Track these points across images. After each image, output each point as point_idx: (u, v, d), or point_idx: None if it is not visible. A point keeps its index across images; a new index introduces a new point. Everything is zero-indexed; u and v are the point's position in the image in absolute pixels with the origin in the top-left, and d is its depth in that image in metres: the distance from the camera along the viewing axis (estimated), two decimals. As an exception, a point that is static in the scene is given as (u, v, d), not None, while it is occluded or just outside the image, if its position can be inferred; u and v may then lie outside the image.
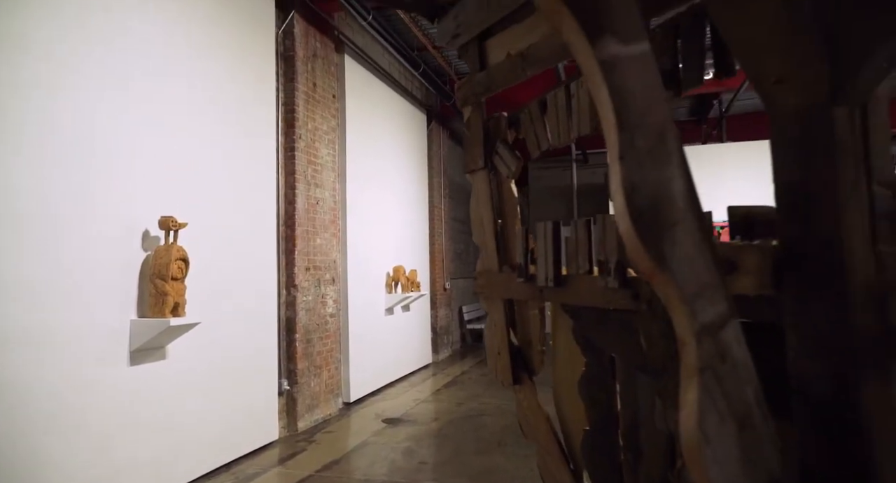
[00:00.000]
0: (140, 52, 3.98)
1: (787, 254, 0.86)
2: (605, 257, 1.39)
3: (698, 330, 0.77)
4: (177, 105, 4.33)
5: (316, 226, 6.36)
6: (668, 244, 0.75)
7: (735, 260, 0.89)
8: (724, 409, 0.78)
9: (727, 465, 0.77)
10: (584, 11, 0.72)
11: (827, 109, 0.80)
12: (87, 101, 3.54)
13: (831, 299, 0.81)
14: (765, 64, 0.84)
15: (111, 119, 3.71)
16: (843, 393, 0.80)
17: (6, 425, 2.97)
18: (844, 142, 0.81)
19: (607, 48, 0.73)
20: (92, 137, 3.56)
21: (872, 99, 0.83)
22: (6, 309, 3.01)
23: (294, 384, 5.84)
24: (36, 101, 3.23)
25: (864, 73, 0.78)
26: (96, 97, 3.61)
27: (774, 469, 0.80)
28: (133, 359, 3.80)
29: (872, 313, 0.80)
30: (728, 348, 0.79)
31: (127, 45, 3.87)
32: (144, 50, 4.02)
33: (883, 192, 0.83)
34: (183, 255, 4.04)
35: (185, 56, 4.46)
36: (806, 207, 0.84)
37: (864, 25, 0.77)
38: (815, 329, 0.83)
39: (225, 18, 4.99)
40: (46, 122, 3.28)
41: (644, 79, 0.75)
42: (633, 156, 0.74)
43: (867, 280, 0.80)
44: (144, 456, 3.84)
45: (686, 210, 0.77)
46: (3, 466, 2.95)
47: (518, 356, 1.72)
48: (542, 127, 1.66)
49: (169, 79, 4.26)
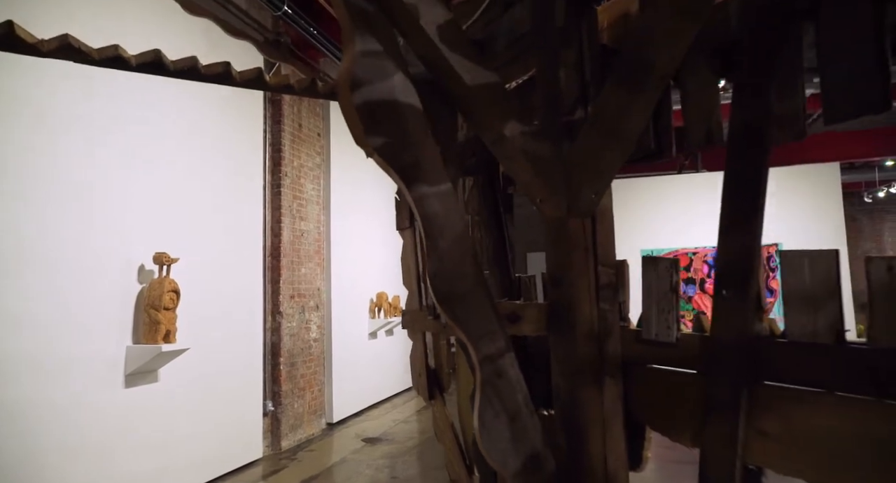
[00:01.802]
0: (136, 103, 4.48)
1: (551, 310, 1.35)
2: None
3: (482, 359, 1.25)
4: (171, 149, 4.83)
5: (301, 256, 6.83)
6: (460, 308, 1.24)
7: (521, 313, 1.38)
8: (499, 408, 1.26)
9: (499, 442, 1.24)
10: (403, 170, 1.21)
11: (565, 220, 1.30)
12: (87, 149, 4.04)
13: (570, 339, 1.29)
14: (534, 193, 1.33)
15: (109, 165, 4.20)
16: (574, 395, 1.28)
17: (16, 445, 3.40)
18: (577, 240, 1.30)
19: (419, 190, 1.22)
20: (92, 182, 4.05)
21: (598, 212, 1.32)
22: (16, 339, 3.46)
23: (278, 405, 6.25)
24: (38, 150, 3.71)
25: (584, 199, 1.28)
26: (96, 144, 4.10)
27: (536, 445, 1.28)
28: (128, 382, 4.24)
29: (593, 348, 1.28)
30: (504, 370, 1.27)
31: (122, 94, 4.36)
32: (140, 100, 4.52)
33: (606, 271, 1.32)
34: (174, 287, 4.50)
35: (179, 105, 4.98)
36: (559, 281, 1.33)
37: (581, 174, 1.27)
38: (563, 356, 1.31)
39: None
40: (50, 170, 3.76)
41: (445, 205, 1.24)
42: (436, 254, 1.23)
43: (591, 327, 1.29)
44: (138, 471, 4.25)
45: (474, 285, 1.26)
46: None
47: (433, 377, 2.18)
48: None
49: (163, 126, 4.76)
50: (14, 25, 1.71)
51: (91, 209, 4.04)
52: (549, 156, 1.29)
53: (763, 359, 1.03)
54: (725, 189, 1.09)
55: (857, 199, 16.71)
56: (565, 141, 1.31)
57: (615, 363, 1.30)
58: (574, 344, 1.29)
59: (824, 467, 0.93)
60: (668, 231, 11.66)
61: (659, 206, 11.58)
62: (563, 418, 1.31)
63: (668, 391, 1.22)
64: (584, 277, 1.30)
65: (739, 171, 1.07)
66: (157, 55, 1.91)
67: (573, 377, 1.28)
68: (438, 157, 1.25)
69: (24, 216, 3.59)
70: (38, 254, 3.66)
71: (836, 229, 10.80)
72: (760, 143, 1.04)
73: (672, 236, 11.65)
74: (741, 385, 1.05)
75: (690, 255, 11.54)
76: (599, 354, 1.28)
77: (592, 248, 1.31)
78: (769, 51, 1.04)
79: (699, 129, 1.21)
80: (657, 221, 11.66)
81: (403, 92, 1.20)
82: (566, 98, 1.35)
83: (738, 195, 1.07)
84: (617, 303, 1.33)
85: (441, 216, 1.23)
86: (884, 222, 18.98)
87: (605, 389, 1.28)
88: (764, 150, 1.04)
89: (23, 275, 3.55)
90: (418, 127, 1.21)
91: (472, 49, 1.22)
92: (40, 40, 1.79)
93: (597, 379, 1.27)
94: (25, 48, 1.77)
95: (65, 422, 3.70)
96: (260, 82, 2.14)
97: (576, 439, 1.27)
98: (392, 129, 1.18)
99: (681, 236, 11.59)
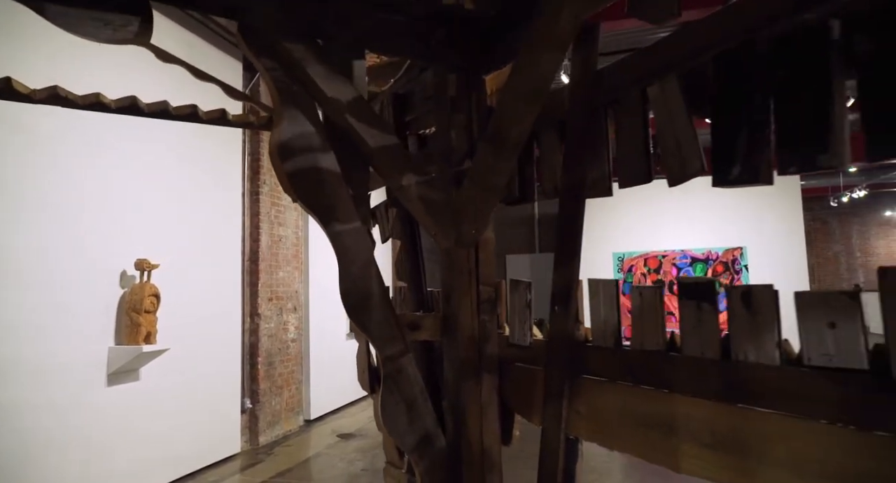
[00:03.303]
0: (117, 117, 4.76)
1: (443, 320, 1.71)
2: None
3: (384, 359, 1.60)
4: (152, 160, 5.14)
5: (279, 260, 7.15)
6: (367, 318, 1.59)
7: (420, 323, 1.73)
8: (398, 397, 1.61)
9: (398, 425, 1.60)
10: (321, 213, 1.56)
11: (454, 250, 1.66)
12: (74, 162, 4.34)
13: (456, 343, 1.66)
14: (429, 228, 1.69)
15: (93, 175, 4.51)
16: (459, 387, 1.64)
17: (11, 442, 3.70)
18: (462, 265, 1.66)
19: (334, 228, 1.57)
20: (76, 193, 4.35)
21: (481, 242, 1.68)
22: (12, 343, 3.77)
23: (256, 403, 6.57)
24: (32, 170, 4.02)
25: (467, 234, 1.64)
26: (81, 157, 4.41)
27: (429, 426, 1.64)
28: (110, 381, 4.55)
29: (474, 350, 1.64)
30: (403, 367, 1.62)
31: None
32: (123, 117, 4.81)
33: (486, 289, 1.68)
34: (155, 291, 4.82)
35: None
36: (449, 297, 1.69)
37: (464, 215, 1.63)
38: (451, 357, 1.67)
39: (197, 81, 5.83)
40: (43, 188, 4.07)
41: (355, 239, 1.59)
42: (348, 276, 1.58)
43: (473, 333, 1.65)
44: (120, 465, 4.56)
45: (378, 300, 1.61)
46: (10, 477, 3.68)
47: (374, 373, 2.54)
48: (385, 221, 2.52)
49: (145, 138, 5.07)
50: (11, 80, 2.04)
51: (75, 219, 4.34)
52: (440, 200, 1.65)
53: (579, 358, 1.39)
54: (557, 233, 1.46)
55: (826, 203, 17.26)
56: (454, 188, 1.68)
57: (492, 362, 1.67)
58: (459, 347, 1.65)
59: (610, 435, 1.30)
60: (640, 235, 12.11)
61: (631, 211, 11.99)
62: (450, 405, 1.67)
63: (525, 383, 1.58)
64: (467, 295, 1.66)
65: (566, 220, 1.44)
66: (133, 100, 2.25)
67: (458, 373, 1.64)
68: (350, 201, 1.60)
69: (11, 226, 3.89)
70: (32, 265, 3.96)
71: (797, 233, 11.27)
72: (580, 199, 1.41)
73: (643, 240, 12.10)
74: (565, 377, 1.41)
75: (660, 257, 11.99)
76: (479, 355, 1.65)
77: (475, 272, 1.68)
78: (584, 129, 1.40)
79: (549, 183, 1.58)
80: (629, 226, 12.09)
81: (321, 151, 1.55)
82: (456, 153, 1.71)
83: (566, 239, 1.44)
84: (495, 314, 1.69)
85: (352, 248, 1.58)
86: (851, 225, 19.59)
87: (484, 383, 1.64)
88: (581, 204, 1.41)
89: (11, 282, 3.85)
90: (333, 178, 1.56)
91: (374, 117, 1.57)
92: (33, 90, 2.12)
93: (477, 374, 1.64)
94: (21, 97, 2.10)
95: (49, 419, 4.00)
96: (224, 120, 2.48)
97: (460, 422, 1.63)
98: (311, 181, 1.53)
99: (651, 240, 12.04)
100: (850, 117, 0.94)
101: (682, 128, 1.20)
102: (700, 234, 11.80)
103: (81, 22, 1.26)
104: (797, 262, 11.13)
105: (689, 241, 11.88)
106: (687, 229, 11.93)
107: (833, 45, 0.93)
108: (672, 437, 1.13)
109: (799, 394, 0.93)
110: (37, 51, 4.00)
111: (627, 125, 1.32)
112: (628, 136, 1.32)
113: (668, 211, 11.97)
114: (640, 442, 1.21)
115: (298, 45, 1.46)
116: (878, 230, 19.37)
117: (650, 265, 12.08)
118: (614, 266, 12.20)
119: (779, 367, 0.97)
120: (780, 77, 1.00)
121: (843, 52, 0.92)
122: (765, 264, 11.11)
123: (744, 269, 11.33)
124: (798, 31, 0.97)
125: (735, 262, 11.50)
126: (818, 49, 0.94)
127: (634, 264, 12.20)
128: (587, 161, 1.40)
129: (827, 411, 0.90)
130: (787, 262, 11.04)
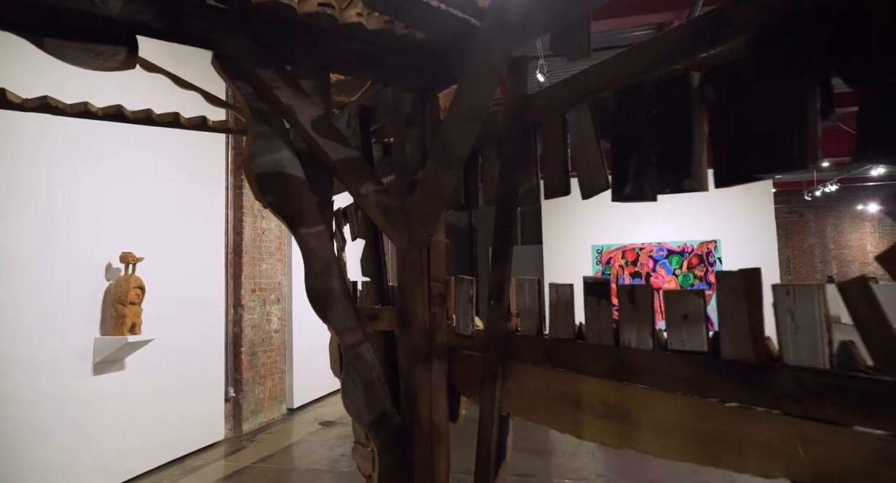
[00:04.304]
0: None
1: (399, 312, 1.92)
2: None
3: (345, 347, 1.82)
4: (137, 154, 5.28)
5: (262, 253, 7.32)
6: (329, 310, 1.80)
7: (378, 315, 1.95)
8: (357, 380, 1.83)
9: (357, 404, 1.82)
10: (288, 218, 1.76)
11: (408, 250, 1.87)
12: (64, 164, 4.49)
13: (409, 333, 1.87)
14: (386, 230, 1.90)
15: (83, 174, 4.66)
16: (412, 372, 1.86)
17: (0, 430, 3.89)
18: (415, 264, 1.88)
19: (300, 230, 1.78)
20: (63, 189, 4.50)
21: (432, 244, 1.90)
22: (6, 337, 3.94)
23: (240, 392, 6.76)
24: (20, 169, 4.16)
25: (418, 237, 1.85)
26: (71, 160, 4.55)
27: (385, 406, 1.86)
28: (96, 370, 4.72)
29: (426, 339, 1.87)
30: (362, 354, 1.84)
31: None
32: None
33: (436, 285, 1.90)
34: (140, 283, 4.98)
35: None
36: (403, 292, 1.91)
37: (416, 219, 1.84)
38: (405, 345, 1.89)
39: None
40: (31, 186, 4.22)
41: (319, 241, 1.80)
42: (312, 273, 1.79)
43: (424, 325, 1.87)
44: (108, 451, 4.75)
45: (339, 294, 1.82)
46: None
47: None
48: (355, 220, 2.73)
49: (131, 136, 5.20)
50: (6, 91, 2.21)
51: (63, 215, 4.49)
52: (395, 206, 1.86)
53: (510, 346, 1.62)
54: (495, 238, 1.67)
55: (801, 197, 17.68)
56: (409, 195, 1.89)
57: (442, 349, 1.89)
58: (412, 336, 1.87)
59: (533, 410, 1.53)
60: (618, 228, 12.40)
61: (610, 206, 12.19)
62: (404, 388, 1.89)
63: (469, 368, 1.81)
64: (419, 290, 1.88)
65: (501, 226, 1.66)
66: (118, 109, 2.43)
67: (411, 359, 1.87)
68: (315, 207, 1.81)
69: (1, 224, 4.04)
70: (26, 263, 4.12)
71: (768, 227, 11.64)
72: (513, 208, 1.63)
73: (621, 233, 12.39)
74: (498, 362, 1.64)
75: (637, 250, 12.31)
76: (430, 344, 1.87)
77: (427, 270, 1.89)
78: (516, 147, 1.61)
79: (489, 193, 1.80)
80: (608, 220, 12.36)
81: (289, 163, 1.75)
82: (411, 164, 1.92)
83: (501, 242, 1.66)
84: (444, 307, 1.92)
85: (315, 249, 1.79)
86: (827, 218, 20.08)
87: (434, 368, 1.87)
88: (514, 212, 1.63)
89: (13, 281, 4.02)
90: (300, 187, 1.77)
91: (335, 133, 1.77)
92: (25, 100, 2.29)
93: (427, 360, 1.86)
94: (13, 106, 2.27)
95: (38, 408, 4.17)
96: (205, 126, 2.66)
97: (412, 402, 1.86)
98: (280, 190, 1.73)
99: (629, 233, 12.34)
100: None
101: (592, 150, 1.42)
102: (676, 228, 12.12)
103: (75, 53, 1.45)
104: (769, 254, 11.49)
105: (665, 234, 12.19)
106: (664, 223, 12.23)
107: (693, 91, 1.15)
108: (577, 410, 1.36)
109: (664, 372, 1.16)
110: (24, 59, 4.13)
111: (551, 145, 1.54)
112: (551, 155, 1.54)
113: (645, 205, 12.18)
114: (555, 415, 1.44)
115: (267, 70, 1.66)
116: (851, 223, 19.90)
117: (628, 258, 12.39)
118: (593, 258, 12.49)
119: (651, 351, 1.20)
120: (657, 114, 1.22)
121: (700, 98, 1.15)
122: (738, 257, 11.46)
123: (718, 262, 11.67)
124: (670, 79, 1.19)
125: (709, 254, 11.85)
126: (683, 94, 1.16)
127: (612, 257, 12.50)
128: (519, 175, 1.62)
129: (681, 385, 1.13)
130: (760, 255, 11.38)
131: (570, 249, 12.77)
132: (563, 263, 12.46)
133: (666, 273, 12.10)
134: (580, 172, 1.45)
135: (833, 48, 0.92)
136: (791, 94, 0.93)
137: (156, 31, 1.48)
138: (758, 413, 0.99)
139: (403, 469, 1.84)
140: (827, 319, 0.92)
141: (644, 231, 12.30)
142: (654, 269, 12.17)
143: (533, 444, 5.92)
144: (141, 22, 1.43)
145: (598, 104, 1.41)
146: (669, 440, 1.14)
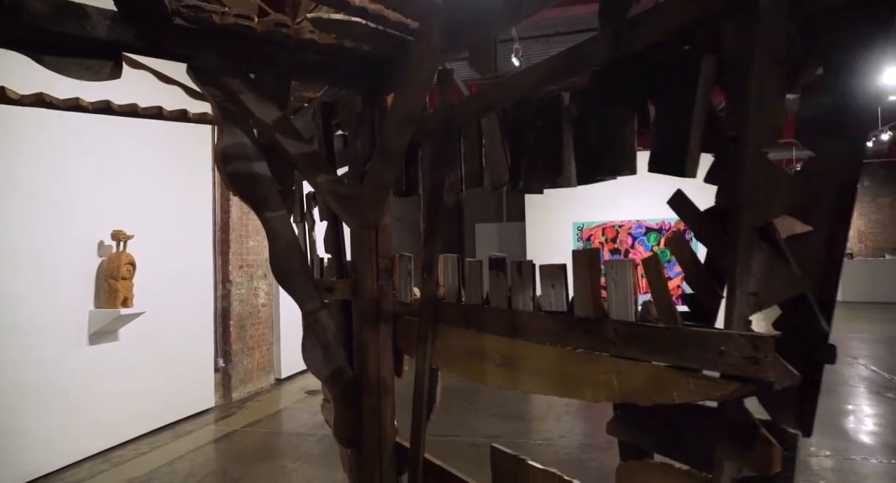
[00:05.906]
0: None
1: (353, 284, 2.25)
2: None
3: (305, 313, 2.15)
4: (128, 138, 5.53)
5: (249, 230, 7.62)
6: (291, 282, 2.12)
7: (335, 286, 2.28)
8: (315, 341, 2.16)
9: (315, 362, 2.16)
10: (254, 204, 2.08)
11: (363, 230, 2.19)
12: (57, 146, 4.75)
13: (361, 301, 2.21)
14: (341, 214, 2.21)
15: (76, 156, 4.92)
16: (362, 335, 2.20)
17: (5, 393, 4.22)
18: (366, 242, 2.20)
19: (265, 214, 2.09)
20: (56, 171, 4.77)
21: (380, 226, 2.21)
22: (7, 310, 4.25)
23: (229, 362, 7.13)
24: (25, 159, 4.42)
25: (368, 219, 2.17)
26: (64, 142, 4.81)
27: (340, 363, 2.20)
28: (91, 340, 5.05)
29: (374, 307, 2.20)
30: (319, 319, 2.17)
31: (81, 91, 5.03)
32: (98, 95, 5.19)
33: (384, 261, 2.23)
34: (130, 260, 5.29)
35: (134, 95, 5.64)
36: (355, 266, 2.23)
37: (365, 204, 2.16)
38: (357, 312, 2.23)
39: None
40: (35, 176, 4.48)
41: (281, 224, 2.12)
42: (275, 252, 2.11)
43: (373, 294, 2.20)
44: (104, 417, 5.11)
45: (299, 269, 2.14)
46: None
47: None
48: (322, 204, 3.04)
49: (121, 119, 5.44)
50: (4, 89, 2.48)
51: (58, 195, 4.77)
52: (347, 193, 2.17)
53: (438, 311, 1.96)
54: (423, 220, 2.00)
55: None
56: (359, 183, 2.20)
57: (388, 316, 2.23)
58: (363, 304, 2.20)
59: (454, 364, 1.87)
60: (598, 206, 12.74)
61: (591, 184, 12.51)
62: (356, 347, 2.24)
63: (408, 331, 2.14)
64: (369, 265, 2.21)
65: (431, 211, 1.98)
66: (107, 104, 2.71)
67: (362, 324, 2.20)
68: (278, 195, 2.12)
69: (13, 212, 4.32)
70: (25, 243, 4.41)
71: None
72: (440, 197, 1.95)
73: (601, 210, 12.74)
74: (429, 325, 1.97)
75: (617, 227, 12.68)
76: (377, 310, 2.20)
77: (375, 248, 2.22)
78: (443, 146, 1.93)
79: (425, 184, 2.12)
80: (588, 197, 12.69)
81: (254, 157, 2.06)
82: (362, 158, 2.23)
83: (430, 225, 1.98)
84: (390, 280, 2.24)
85: (278, 231, 2.10)
86: (806, 197, 20.41)
87: (381, 331, 2.20)
88: (441, 201, 1.95)
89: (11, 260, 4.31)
90: (264, 177, 2.08)
91: (294, 131, 2.07)
92: (21, 96, 2.56)
93: (375, 325, 2.20)
94: (11, 101, 2.55)
95: (36, 376, 4.51)
96: (185, 118, 2.95)
97: (363, 359, 2.20)
98: (246, 180, 2.04)
99: (609, 210, 12.69)
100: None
101: (497, 151, 1.74)
102: (654, 206, 12.45)
103: (70, 67, 1.74)
104: (742, 232, 11.85)
105: (644, 212, 12.54)
106: (642, 201, 12.56)
107: (564, 108, 1.47)
108: (483, 362, 1.70)
109: (539, 328, 1.50)
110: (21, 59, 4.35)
111: (469, 145, 1.85)
112: (469, 154, 1.85)
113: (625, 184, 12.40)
114: (468, 367, 1.78)
115: (234, 79, 1.95)
116: (830, 202, 20.26)
117: (608, 235, 12.76)
118: (574, 235, 12.86)
119: (531, 312, 1.53)
120: (540, 124, 1.53)
121: (569, 114, 1.46)
122: (713, 235, 11.81)
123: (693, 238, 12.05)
124: (547, 97, 1.50)
125: (686, 231, 12.22)
126: (556, 110, 1.48)
127: (593, 234, 12.87)
128: (445, 170, 1.93)
129: (550, 338, 1.47)
130: (733, 233, 11.73)
131: (553, 227, 13.12)
132: (545, 240, 12.85)
133: (644, 249, 12.49)
134: (488, 169, 1.77)
135: (648, 82, 1.23)
136: (615, 117, 1.25)
137: (137, 49, 1.77)
138: (594, 356, 1.33)
139: (355, 415, 2.19)
140: (634, 286, 1.25)
141: (624, 209, 12.65)
142: (633, 246, 12.56)
143: (503, 409, 6.34)
144: (124, 42, 1.72)
145: (502, 114, 1.72)
146: (542, 381, 1.48)
